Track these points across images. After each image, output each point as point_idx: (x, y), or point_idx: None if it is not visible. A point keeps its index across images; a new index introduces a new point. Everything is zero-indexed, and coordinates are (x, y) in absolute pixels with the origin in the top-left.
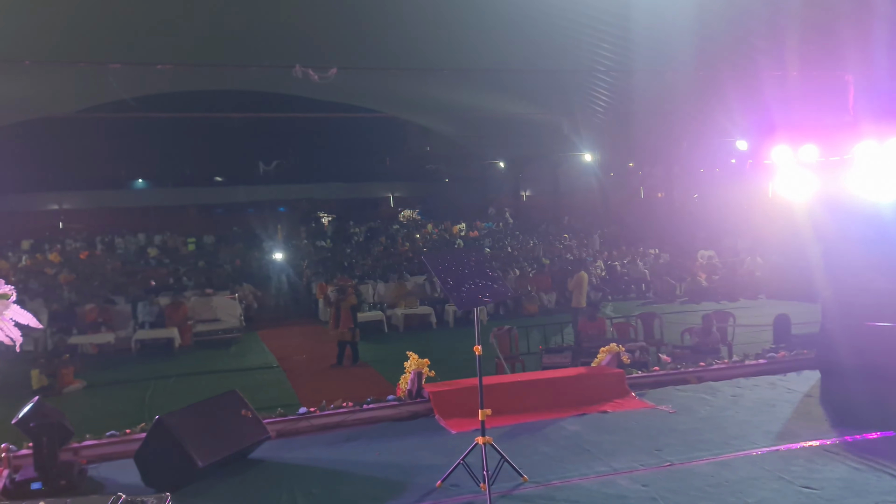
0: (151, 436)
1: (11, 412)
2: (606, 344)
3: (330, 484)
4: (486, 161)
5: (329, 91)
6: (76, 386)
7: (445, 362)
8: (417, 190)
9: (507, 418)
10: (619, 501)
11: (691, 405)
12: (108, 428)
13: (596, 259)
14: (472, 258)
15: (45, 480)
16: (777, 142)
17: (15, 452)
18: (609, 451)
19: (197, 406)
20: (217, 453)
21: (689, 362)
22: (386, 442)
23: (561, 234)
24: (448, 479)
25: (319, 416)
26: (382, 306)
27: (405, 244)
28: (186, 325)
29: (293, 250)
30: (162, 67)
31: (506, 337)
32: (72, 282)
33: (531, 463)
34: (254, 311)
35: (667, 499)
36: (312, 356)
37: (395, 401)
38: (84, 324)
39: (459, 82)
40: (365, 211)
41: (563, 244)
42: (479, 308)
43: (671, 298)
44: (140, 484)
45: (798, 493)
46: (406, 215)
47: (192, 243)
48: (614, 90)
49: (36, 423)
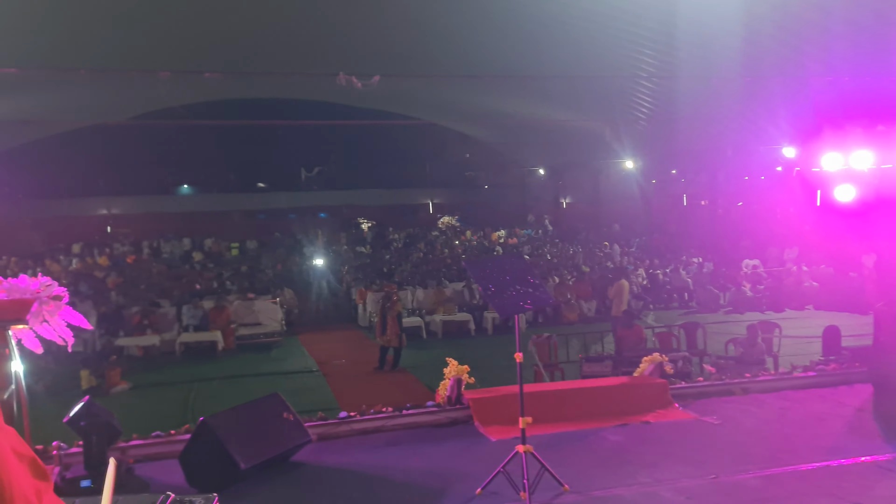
0: (196, 437)
1: (62, 411)
2: (647, 353)
3: (370, 489)
4: (526, 168)
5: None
6: (122, 387)
7: (484, 369)
8: (457, 196)
9: (548, 427)
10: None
11: (737, 417)
12: (153, 428)
13: (637, 267)
14: (513, 265)
15: (94, 478)
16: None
17: (66, 450)
18: (652, 462)
19: (240, 408)
20: (259, 455)
21: (734, 373)
22: (425, 448)
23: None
24: (488, 486)
25: (360, 420)
26: (421, 312)
27: (444, 251)
28: (229, 329)
29: (333, 256)
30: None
31: (545, 345)
32: (119, 285)
33: (572, 472)
34: (294, 316)
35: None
36: (352, 361)
37: (434, 407)
38: (130, 326)
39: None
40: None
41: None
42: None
43: (715, 308)
44: (184, 484)
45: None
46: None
47: (235, 248)
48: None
49: (86, 422)
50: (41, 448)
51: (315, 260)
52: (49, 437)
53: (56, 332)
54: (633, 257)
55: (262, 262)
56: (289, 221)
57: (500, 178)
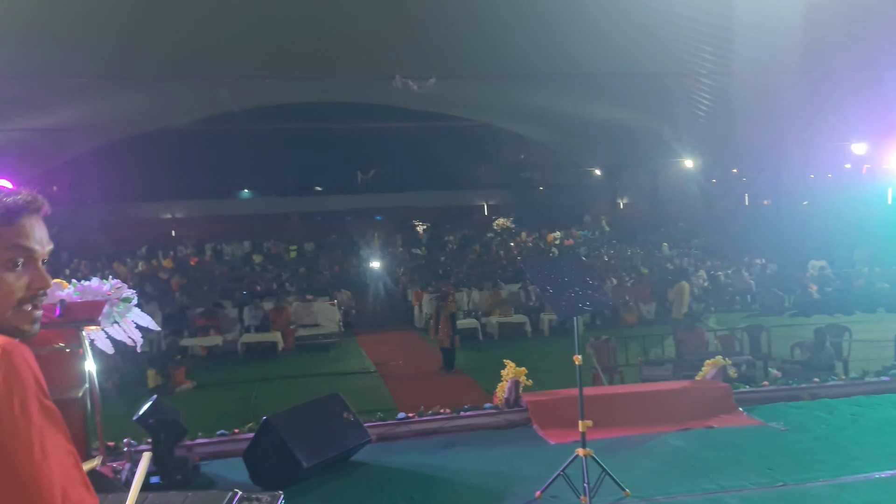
0: (259, 436)
1: (131, 408)
2: (709, 356)
3: (429, 490)
4: (582, 168)
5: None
6: (187, 386)
7: (541, 371)
8: (512, 198)
9: (607, 430)
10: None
11: (805, 423)
12: (217, 426)
13: (698, 269)
14: (571, 266)
15: (162, 475)
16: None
17: (135, 447)
18: (716, 468)
19: (301, 408)
20: (321, 454)
21: (801, 378)
22: (484, 450)
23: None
24: (547, 490)
25: (418, 421)
26: (477, 314)
27: (499, 252)
28: (289, 330)
29: (389, 257)
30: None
31: (603, 347)
32: (183, 286)
33: (633, 477)
34: (352, 317)
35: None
36: (408, 362)
37: (492, 409)
38: (194, 327)
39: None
40: (459, 218)
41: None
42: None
43: (779, 311)
44: (248, 482)
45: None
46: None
47: (293, 250)
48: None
49: (154, 420)
50: (112, 444)
51: (371, 261)
52: (119, 433)
53: (126, 332)
54: (693, 258)
55: (320, 264)
56: (345, 223)
57: (556, 179)
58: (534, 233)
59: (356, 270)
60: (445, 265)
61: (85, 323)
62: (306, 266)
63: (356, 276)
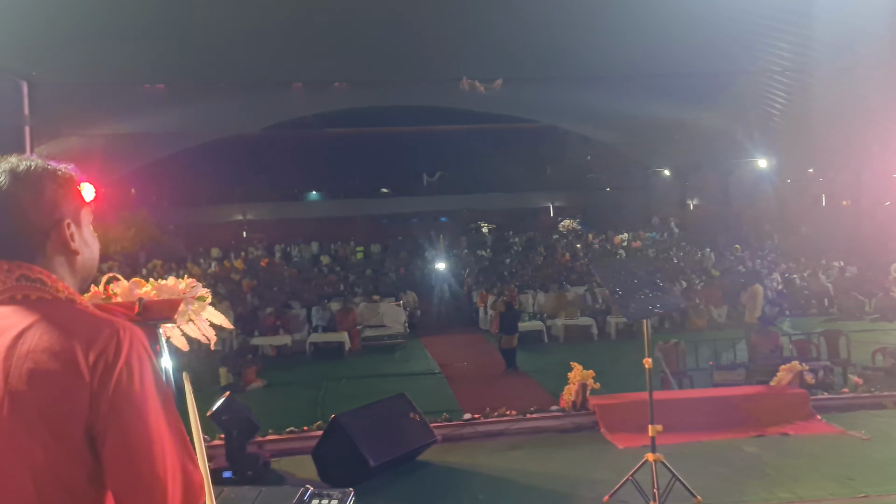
0: (328, 434)
1: (204, 406)
2: (784, 361)
3: (496, 491)
4: (650, 169)
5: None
6: (258, 384)
7: (608, 375)
8: (578, 199)
9: (678, 435)
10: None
11: (889, 432)
12: (286, 424)
13: (772, 271)
14: (640, 267)
15: (234, 470)
16: None
17: (209, 443)
18: (792, 477)
19: (369, 407)
20: (388, 453)
21: (884, 385)
22: (550, 453)
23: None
24: (616, 494)
25: (484, 423)
26: (542, 316)
27: (565, 254)
28: (355, 330)
29: (454, 259)
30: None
31: (673, 351)
32: (254, 287)
33: (705, 484)
34: (417, 318)
35: None
36: (473, 364)
37: (559, 411)
38: (264, 326)
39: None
40: (524, 220)
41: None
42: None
43: (859, 315)
44: (316, 479)
45: None
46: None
47: (360, 252)
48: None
49: (227, 417)
50: None
51: (437, 263)
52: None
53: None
54: (766, 261)
55: (386, 266)
56: (411, 226)
57: (623, 180)
58: (600, 235)
59: (421, 272)
60: (511, 267)
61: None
62: (372, 268)
63: (421, 278)
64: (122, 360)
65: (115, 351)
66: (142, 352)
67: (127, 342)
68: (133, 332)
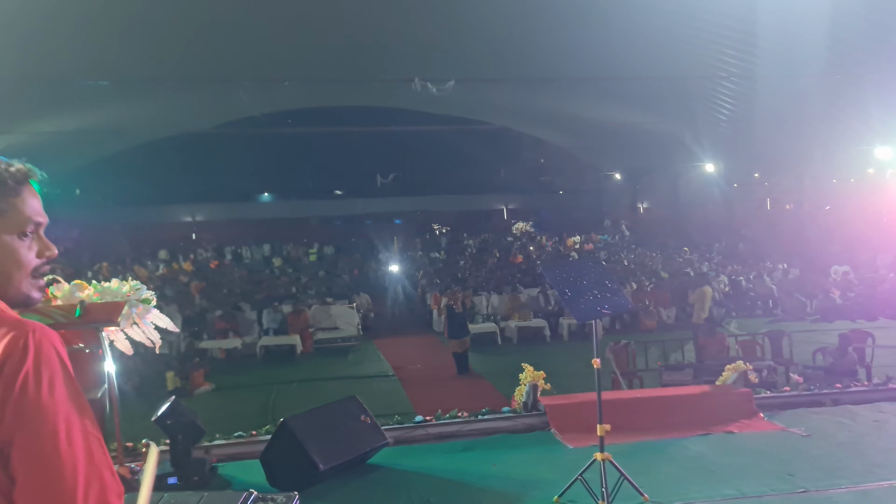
0: (276, 438)
1: (150, 410)
2: (730, 362)
3: (447, 493)
4: (602, 173)
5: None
6: (206, 388)
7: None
8: (531, 202)
9: (626, 435)
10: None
11: (827, 429)
12: (235, 428)
13: (719, 273)
14: (590, 269)
15: (180, 476)
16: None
17: None
18: (736, 474)
19: (318, 410)
20: (338, 457)
21: (823, 384)
22: (502, 454)
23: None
24: (566, 494)
25: (436, 424)
26: (496, 318)
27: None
28: (307, 333)
29: (408, 261)
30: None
31: (623, 352)
32: (203, 289)
33: (652, 482)
34: (371, 321)
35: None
36: (427, 366)
37: (510, 413)
38: (213, 329)
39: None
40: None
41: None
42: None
43: (801, 316)
44: (265, 483)
45: None
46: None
47: (313, 254)
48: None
49: (172, 421)
50: (131, 445)
51: (390, 265)
52: (138, 434)
53: (145, 333)
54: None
55: (339, 268)
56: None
57: (576, 183)
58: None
59: (375, 274)
60: (465, 269)
61: (104, 324)
62: (325, 269)
63: (375, 280)
64: (29, 364)
65: (21, 355)
66: (52, 357)
67: (34, 346)
68: (44, 336)
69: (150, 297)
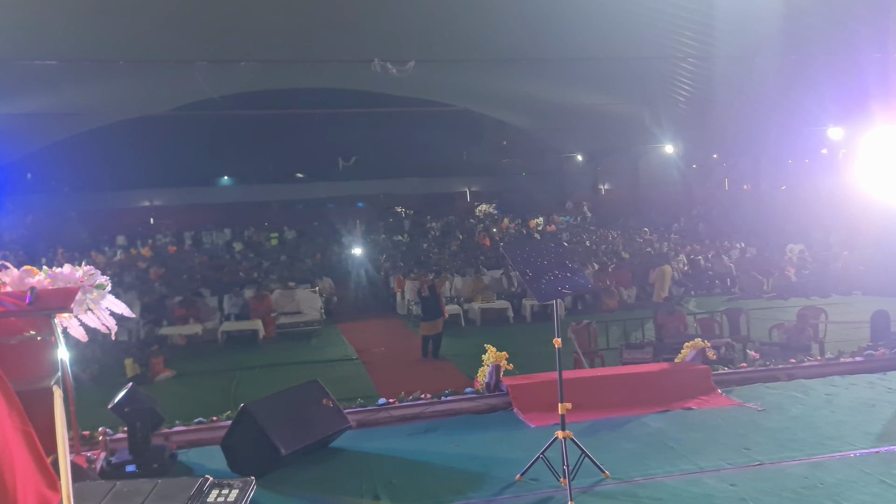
0: (237, 423)
1: (107, 398)
2: (689, 339)
3: (410, 474)
4: (564, 154)
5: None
6: (166, 375)
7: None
8: (494, 184)
9: (588, 413)
10: (705, 500)
11: (782, 403)
12: (197, 415)
13: (678, 253)
14: (551, 250)
15: (138, 463)
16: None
17: (111, 436)
18: (694, 449)
19: (280, 395)
20: (299, 441)
21: (779, 359)
22: (465, 434)
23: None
24: (527, 472)
25: (399, 407)
26: (459, 300)
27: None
28: (270, 318)
29: (371, 245)
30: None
31: (584, 332)
32: (162, 275)
33: (613, 459)
34: (334, 305)
35: (756, 499)
36: (391, 349)
37: (473, 394)
38: (173, 316)
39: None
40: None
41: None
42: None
43: (758, 294)
44: (226, 469)
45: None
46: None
47: (274, 238)
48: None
49: (130, 409)
50: (88, 434)
51: (353, 249)
52: (95, 423)
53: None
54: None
55: (302, 252)
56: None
57: (538, 165)
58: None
59: (338, 258)
60: (428, 252)
61: (56, 310)
62: (287, 254)
63: (338, 264)
64: None
65: None
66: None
67: None
68: None
69: (104, 282)
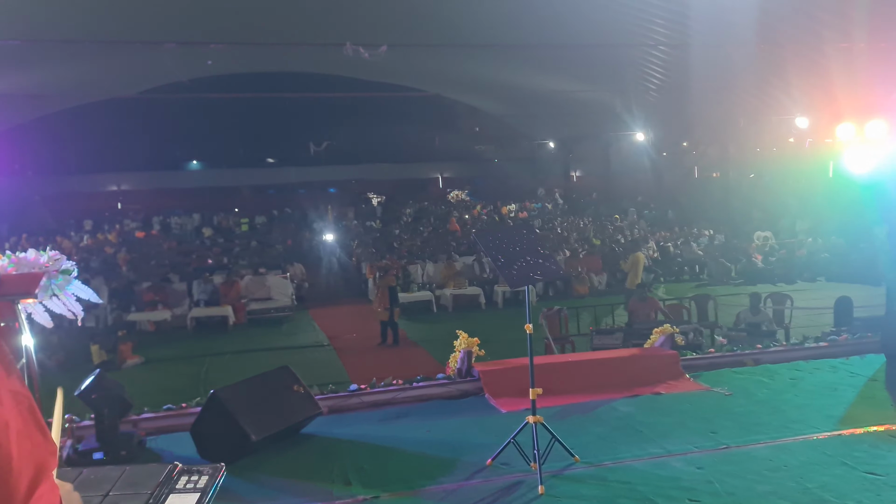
0: (206, 410)
1: (74, 385)
2: (659, 325)
3: (381, 460)
4: (536, 141)
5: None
6: (135, 361)
7: (495, 342)
8: (466, 170)
9: (558, 398)
10: (672, 483)
11: (748, 388)
12: (166, 401)
13: (648, 240)
14: (522, 236)
15: (106, 450)
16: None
17: (78, 423)
18: (662, 433)
19: (250, 381)
20: (270, 427)
21: (745, 345)
22: (436, 420)
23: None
24: (498, 457)
25: (370, 393)
26: (431, 286)
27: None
28: (240, 304)
29: (343, 230)
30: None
31: (555, 318)
32: (130, 261)
33: (583, 443)
34: (305, 291)
35: (723, 482)
36: (362, 335)
37: (445, 379)
38: (142, 301)
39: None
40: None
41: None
42: (530, 288)
43: (726, 280)
44: (196, 456)
45: (861, 478)
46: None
47: (245, 223)
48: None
49: (97, 395)
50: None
51: (325, 235)
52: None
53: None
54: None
55: (272, 237)
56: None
57: (510, 152)
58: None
59: (309, 244)
60: (400, 238)
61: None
62: (258, 239)
63: (309, 250)
64: None
65: None
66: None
67: None
68: None
69: (70, 267)
